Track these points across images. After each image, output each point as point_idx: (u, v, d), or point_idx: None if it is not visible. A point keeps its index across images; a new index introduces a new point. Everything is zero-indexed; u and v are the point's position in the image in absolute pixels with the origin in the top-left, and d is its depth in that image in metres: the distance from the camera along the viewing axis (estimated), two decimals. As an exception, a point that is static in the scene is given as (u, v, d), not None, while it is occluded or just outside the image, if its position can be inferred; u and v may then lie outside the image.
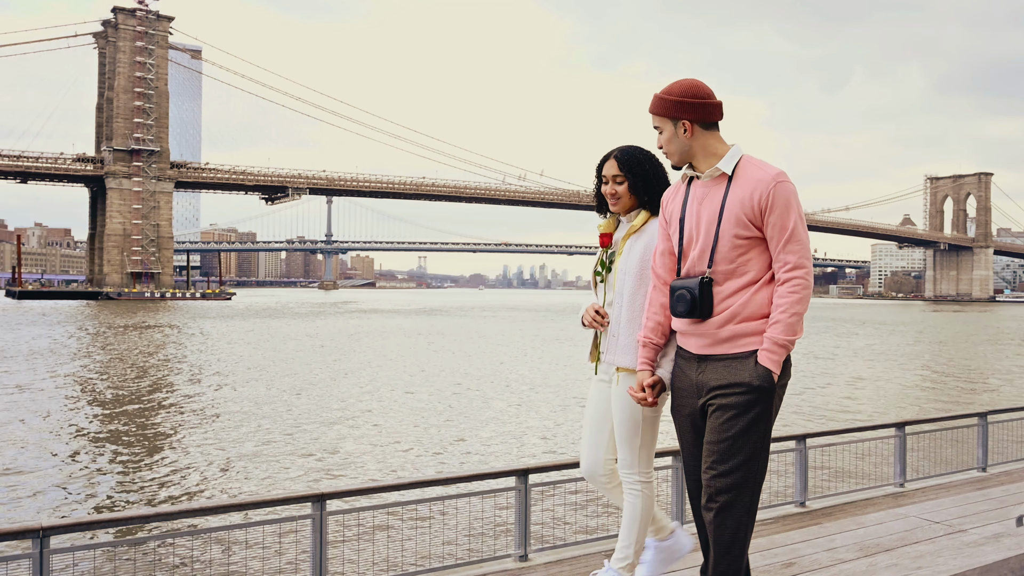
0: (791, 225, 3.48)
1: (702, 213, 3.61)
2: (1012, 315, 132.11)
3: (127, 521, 4.79)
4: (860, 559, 5.21)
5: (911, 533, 5.91)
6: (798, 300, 3.46)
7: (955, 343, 58.08)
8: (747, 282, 3.54)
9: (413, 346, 46.99)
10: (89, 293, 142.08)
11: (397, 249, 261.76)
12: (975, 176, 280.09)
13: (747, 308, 3.53)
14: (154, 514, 4.68)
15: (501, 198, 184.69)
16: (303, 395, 25.85)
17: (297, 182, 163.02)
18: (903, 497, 7.90)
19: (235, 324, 66.84)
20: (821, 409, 24.04)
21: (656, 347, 3.81)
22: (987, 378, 35.31)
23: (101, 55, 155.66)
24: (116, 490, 14.16)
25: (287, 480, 14.95)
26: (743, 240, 3.52)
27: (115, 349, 41.58)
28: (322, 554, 4.98)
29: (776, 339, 3.46)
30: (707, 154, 3.63)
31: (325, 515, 5.03)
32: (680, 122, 3.61)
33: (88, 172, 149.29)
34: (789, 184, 3.50)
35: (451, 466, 16.29)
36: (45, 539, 4.31)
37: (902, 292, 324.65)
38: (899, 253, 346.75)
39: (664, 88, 3.66)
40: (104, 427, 20.10)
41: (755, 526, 3.68)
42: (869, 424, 9.02)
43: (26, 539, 4.35)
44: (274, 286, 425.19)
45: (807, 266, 3.50)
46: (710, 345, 3.58)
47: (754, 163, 3.59)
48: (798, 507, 7.62)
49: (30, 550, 4.31)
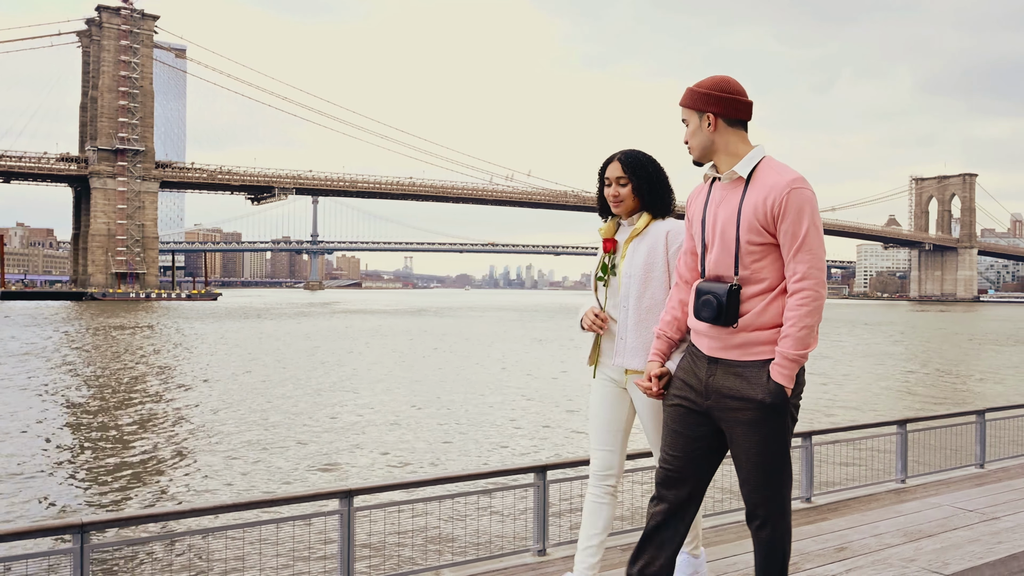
0: (803, 233, 3.39)
1: (719, 216, 3.56)
2: (996, 315, 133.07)
3: (162, 517, 4.86)
4: (906, 544, 5.43)
5: (948, 520, 6.14)
6: (808, 312, 3.37)
7: (947, 342, 58.54)
8: (763, 289, 3.48)
9: (416, 346, 47.05)
10: (73, 294, 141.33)
11: (383, 249, 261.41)
12: (960, 177, 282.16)
13: (762, 317, 3.46)
14: (189, 510, 4.77)
15: (488, 198, 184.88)
16: (310, 397, 25.92)
17: (283, 182, 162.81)
18: (905, 493, 8.05)
19: (228, 325, 66.69)
20: (823, 408, 24.23)
21: (670, 340, 3.79)
22: (982, 376, 35.65)
23: (85, 54, 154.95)
24: (141, 487, 14.28)
25: (313, 477, 15.32)
26: (757, 247, 3.46)
27: (113, 350, 41.48)
28: (350, 549, 5.07)
29: (787, 354, 3.39)
30: (728, 153, 3.56)
31: (353, 511, 5.11)
32: (705, 115, 3.55)
33: (72, 172, 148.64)
34: (805, 191, 3.41)
35: (471, 464, 16.59)
36: (86, 534, 4.39)
37: (887, 292, 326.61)
38: (884, 253, 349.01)
39: (697, 82, 3.61)
40: (123, 426, 20.14)
41: (797, 514, 3.76)
42: (872, 422, 9.18)
43: (67, 534, 4.43)
44: (259, 286, 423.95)
45: (818, 277, 3.40)
46: (721, 348, 3.53)
47: (773, 167, 3.49)
48: (804, 503, 7.75)
49: (71, 545, 4.40)
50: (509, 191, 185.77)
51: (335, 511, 5.14)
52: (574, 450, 17.78)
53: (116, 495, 13.78)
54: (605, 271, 4.10)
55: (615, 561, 5.27)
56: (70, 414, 22.15)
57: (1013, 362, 43.01)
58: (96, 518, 4.49)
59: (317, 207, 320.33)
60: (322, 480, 15.10)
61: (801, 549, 5.19)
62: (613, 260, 4.10)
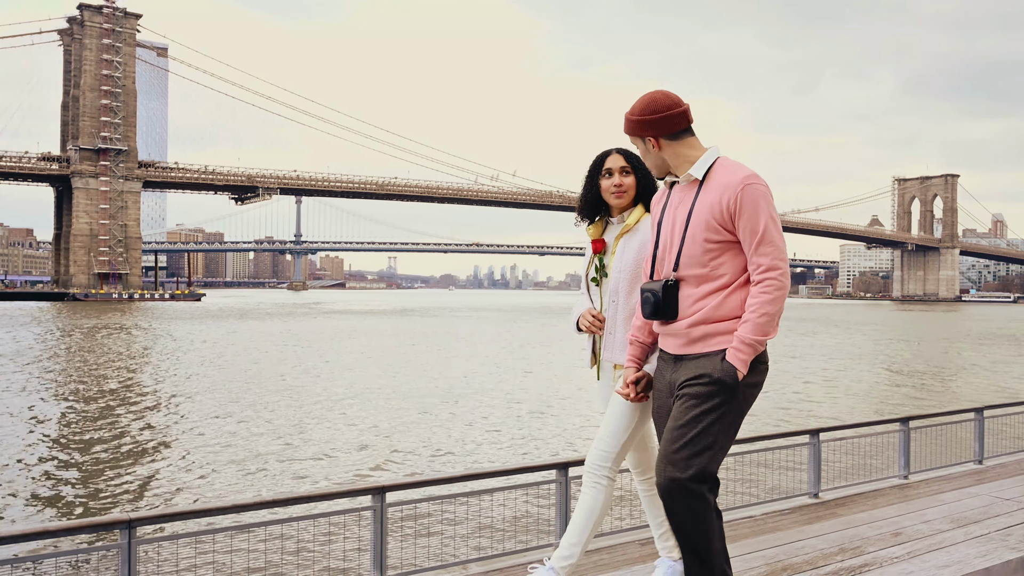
0: (762, 227, 3.45)
1: (676, 218, 3.64)
2: (979, 314, 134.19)
3: (206, 513, 4.97)
4: (955, 529, 5.81)
5: (989, 508, 6.55)
6: (770, 300, 3.43)
7: (936, 342, 59.01)
8: (720, 285, 3.54)
9: (420, 348, 47.16)
10: (55, 294, 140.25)
11: (367, 249, 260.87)
12: (942, 178, 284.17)
13: (720, 310, 3.52)
14: (231, 505, 4.89)
15: (473, 198, 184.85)
16: (311, 399, 25.99)
17: (268, 182, 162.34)
18: (909, 489, 8.22)
19: (217, 326, 66.50)
20: (823, 406, 24.48)
21: (642, 345, 3.84)
22: (976, 373, 36.03)
23: (67, 53, 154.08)
24: (171, 486, 14.31)
25: (348, 474, 15.84)
26: (714, 244, 3.52)
27: (109, 352, 41.35)
28: (383, 544, 5.18)
29: (744, 338, 3.43)
30: (681, 162, 3.64)
31: (385, 507, 5.22)
32: (647, 139, 3.66)
33: (54, 171, 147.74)
34: (759, 186, 3.47)
35: (494, 461, 16.92)
36: (133, 530, 4.49)
37: (870, 292, 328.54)
38: (867, 253, 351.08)
39: (630, 107, 3.69)
40: (156, 426, 20.17)
41: (858, 500, 3.80)
42: (876, 419, 9.38)
43: (115, 530, 4.53)
44: (242, 287, 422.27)
45: (781, 267, 3.47)
46: (684, 345, 3.58)
47: (727, 166, 3.57)
48: (811, 498, 7.91)
49: (118, 540, 4.50)
50: (494, 191, 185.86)
51: (368, 507, 5.26)
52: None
53: (152, 494, 14.23)
54: (598, 272, 4.09)
55: (635, 556, 5.42)
56: (113, 412, 22.12)
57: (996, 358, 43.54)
58: (143, 514, 4.59)
59: (300, 207, 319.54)
60: (352, 478, 15.52)
61: (858, 535, 5.60)
62: (604, 261, 4.09)
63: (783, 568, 4.91)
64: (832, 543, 5.47)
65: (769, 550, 5.26)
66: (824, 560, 5.06)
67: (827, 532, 5.83)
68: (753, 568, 4.88)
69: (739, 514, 6.87)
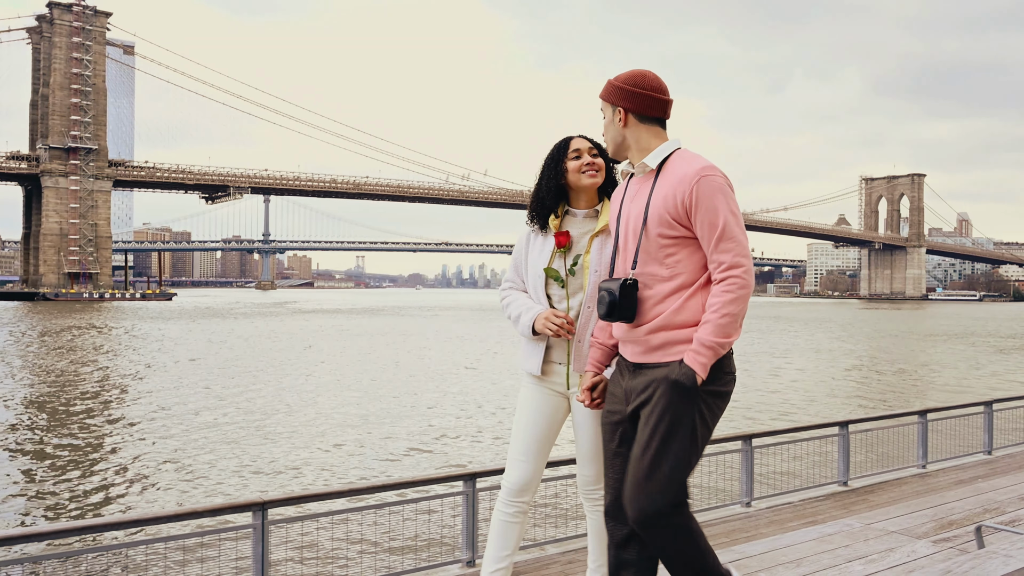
0: (721, 222, 3.18)
1: (631, 211, 3.42)
2: (945, 313, 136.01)
3: (338, 495, 5.29)
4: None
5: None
6: (732, 300, 3.15)
7: (923, 341, 59.92)
8: (679, 286, 3.28)
9: (383, 346, 47.24)
10: (25, 294, 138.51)
11: (336, 249, 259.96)
12: (908, 177, 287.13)
13: (680, 315, 3.26)
14: (362, 487, 5.26)
15: (445, 198, 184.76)
16: (277, 401, 26.07)
17: (239, 181, 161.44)
18: (929, 477, 8.74)
19: (191, 326, 65.97)
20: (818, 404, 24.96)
21: (602, 348, 3.60)
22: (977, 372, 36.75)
23: (35, 51, 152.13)
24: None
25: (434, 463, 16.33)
26: (669, 240, 3.27)
27: (137, 352, 41.21)
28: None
29: (704, 340, 3.15)
30: (640, 148, 3.42)
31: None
32: (617, 109, 3.43)
33: (23, 170, 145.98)
34: (716, 178, 3.22)
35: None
36: (266, 511, 4.82)
37: (838, 291, 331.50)
38: (835, 252, 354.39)
39: (617, 74, 3.49)
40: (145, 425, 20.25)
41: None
42: (891, 412, 9.88)
43: (248, 512, 4.86)
44: (209, 286, 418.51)
45: (744, 264, 3.19)
46: (643, 353, 3.32)
47: (684, 158, 3.33)
48: (840, 486, 8.40)
49: (251, 521, 4.83)
50: (466, 190, 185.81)
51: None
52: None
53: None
54: (569, 270, 3.76)
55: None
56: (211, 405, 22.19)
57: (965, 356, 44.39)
58: (275, 496, 4.92)
59: (269, 205, 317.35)
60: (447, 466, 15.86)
61: (911, 520, 5.88)
62: (570, 256, 3.77)
63: None
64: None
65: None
66: None
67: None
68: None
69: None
